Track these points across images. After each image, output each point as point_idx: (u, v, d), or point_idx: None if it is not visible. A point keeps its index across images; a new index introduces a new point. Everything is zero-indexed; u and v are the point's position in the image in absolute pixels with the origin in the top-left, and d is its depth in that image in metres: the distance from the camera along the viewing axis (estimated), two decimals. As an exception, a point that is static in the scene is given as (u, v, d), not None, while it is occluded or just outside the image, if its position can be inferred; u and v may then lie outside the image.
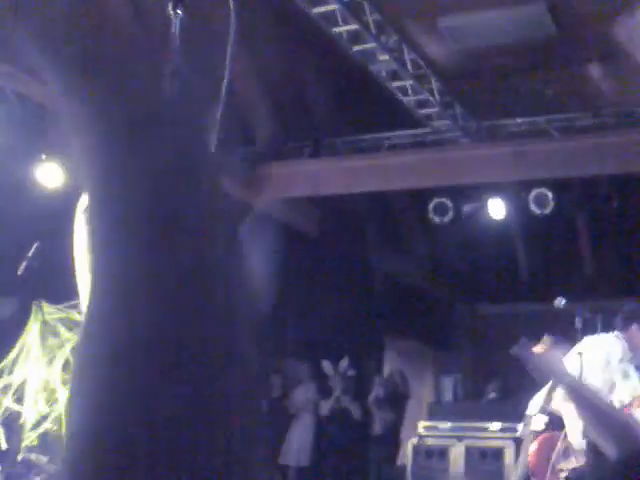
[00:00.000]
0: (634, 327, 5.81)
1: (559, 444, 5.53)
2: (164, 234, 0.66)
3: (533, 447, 5.72)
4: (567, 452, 5.53)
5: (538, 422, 5.68)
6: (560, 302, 6.01)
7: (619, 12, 8.04)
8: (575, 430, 5.46)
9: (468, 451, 10.26)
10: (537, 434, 5.70)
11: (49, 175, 8.74)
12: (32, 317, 6.61)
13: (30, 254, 6.69)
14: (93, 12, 0.68)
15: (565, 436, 5.53)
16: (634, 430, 2.51)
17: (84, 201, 2.81)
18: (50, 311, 6.64)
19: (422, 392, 13.12)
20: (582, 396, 2.79)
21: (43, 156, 8.66)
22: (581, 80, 9.19)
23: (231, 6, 0.76)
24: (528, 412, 5.93)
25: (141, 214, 0.66)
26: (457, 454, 10.31)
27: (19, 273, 6.66)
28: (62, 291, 5.03)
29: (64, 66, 0.68)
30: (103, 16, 0.68)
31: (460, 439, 10.33)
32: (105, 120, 0.68)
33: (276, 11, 9.02)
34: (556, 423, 5.56)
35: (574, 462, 5.48)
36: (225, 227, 0.70)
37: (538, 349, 3.50)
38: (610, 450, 2.47)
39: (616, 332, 5.86)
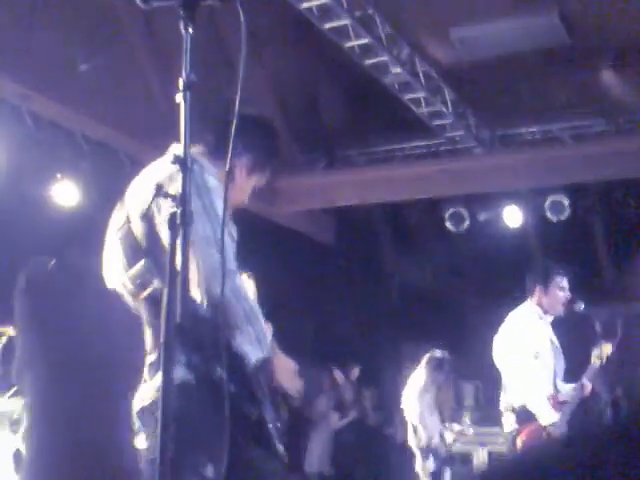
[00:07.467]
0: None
1: (544, 434, 5.55)
2: None
3: (520, 443, 5.68)
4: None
5: (508, 421, 5.73)
6: (579, 307, 6.04)
7: (631, 18, 8.07)
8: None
9: (491, 456, 10.29)
10: (517, 430, 5.69)
11: (64, 193, 8.77)
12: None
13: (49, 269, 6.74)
14: None
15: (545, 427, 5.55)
16: None
17: (117, 218, 2.89)
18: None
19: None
20: None
21: (58, 175, 8.68)
22: (594, 86, 9.19)
23: (242, 20, 0.73)
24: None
25: None
26: (480, 459, 10.33)
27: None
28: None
29: None
30: None
31: (483, 444, 10.34)
32: None
33: (289, 25, 9.05)
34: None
35: None
36: None
37: None
38: None
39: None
